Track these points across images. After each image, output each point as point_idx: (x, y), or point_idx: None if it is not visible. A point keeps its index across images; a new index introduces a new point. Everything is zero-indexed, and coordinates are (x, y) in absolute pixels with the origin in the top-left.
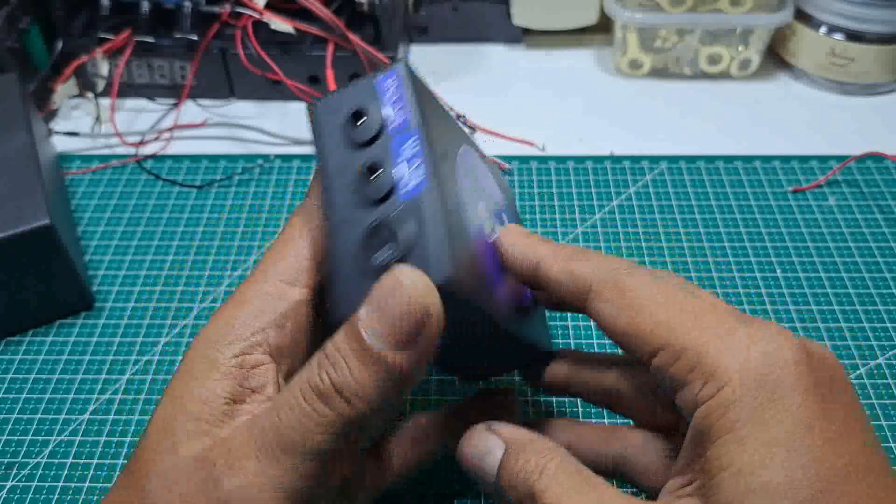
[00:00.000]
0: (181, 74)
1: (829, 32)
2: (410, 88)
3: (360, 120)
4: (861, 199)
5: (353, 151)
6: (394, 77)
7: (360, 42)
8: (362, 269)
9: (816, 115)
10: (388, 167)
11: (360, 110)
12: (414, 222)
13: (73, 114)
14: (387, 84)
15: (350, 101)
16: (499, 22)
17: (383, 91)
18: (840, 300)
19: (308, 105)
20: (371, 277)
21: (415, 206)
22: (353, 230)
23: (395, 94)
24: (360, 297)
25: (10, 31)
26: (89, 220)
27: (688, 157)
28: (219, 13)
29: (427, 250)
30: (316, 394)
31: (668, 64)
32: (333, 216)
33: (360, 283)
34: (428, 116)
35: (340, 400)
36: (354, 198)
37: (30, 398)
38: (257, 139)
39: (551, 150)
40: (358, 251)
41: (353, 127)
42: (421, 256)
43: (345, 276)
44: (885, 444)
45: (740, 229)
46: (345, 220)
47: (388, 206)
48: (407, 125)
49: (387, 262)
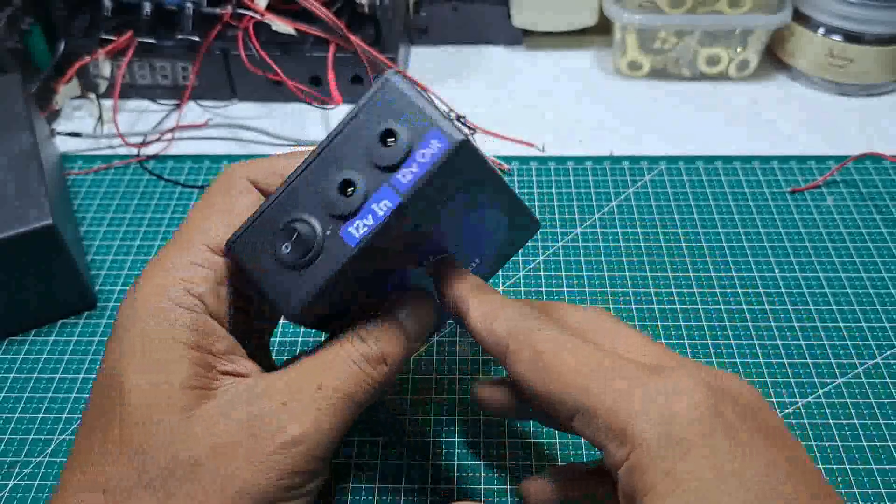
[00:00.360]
0: (183, 75)
1: (828, 33)
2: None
3: (390, 139)
4: (859, 199)
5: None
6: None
7: (360, 43)
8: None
9: (815, 116)
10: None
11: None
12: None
13: (76, 114)
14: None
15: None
16: (499, 23)
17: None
18: (838, 300)
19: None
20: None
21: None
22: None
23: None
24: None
25: (13, 32)
26: (91, 220)
27: (686, 157)
28: (220, 14)
29: (444, 123)
30: (367, 360)
31: (667, 65)
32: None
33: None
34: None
35: (384, 366)
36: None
37: (32, 397)
38: (259, 139)
39: (551, 150)
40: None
41: (385, 148)
42: (442, 129)
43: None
44: (883, 444)
45: (739, 229)
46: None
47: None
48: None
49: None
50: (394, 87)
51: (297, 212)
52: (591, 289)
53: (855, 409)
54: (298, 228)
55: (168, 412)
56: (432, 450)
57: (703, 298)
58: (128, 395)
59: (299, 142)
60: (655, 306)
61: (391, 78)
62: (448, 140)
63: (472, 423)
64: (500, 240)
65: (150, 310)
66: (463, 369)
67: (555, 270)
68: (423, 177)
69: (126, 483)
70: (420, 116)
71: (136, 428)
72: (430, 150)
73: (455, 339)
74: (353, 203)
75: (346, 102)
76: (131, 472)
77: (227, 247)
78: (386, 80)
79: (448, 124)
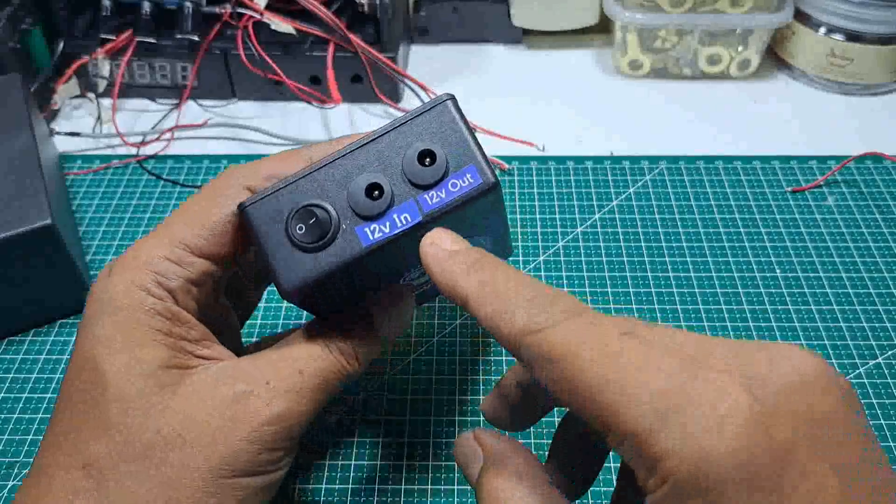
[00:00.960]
0: (182, 75)
1: (829, 33)
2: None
3: (426, 159)
4: (860, 199)
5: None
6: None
7: (360, 43)
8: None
9: (815, 116)
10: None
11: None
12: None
13: (75, 114)
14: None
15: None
16: (499, 22)
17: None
18: (839, 300)
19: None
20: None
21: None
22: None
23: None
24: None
25: (12, 32)
26: (91, 219)
27: (687, 157)
28: (220, 14)
29: (481, 160)
30: (343, 354)
31: (667, 64)
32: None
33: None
34: None
35: (355, 361)
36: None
37: (31, 397)
38: (258, 139)
39: (551, 150)
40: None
41: (421, 166)
42: (479, 167)
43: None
44: (885, 444)
45: (739, 229)
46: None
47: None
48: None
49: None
50: (448, 112)
51: (319, 198)
52: (591, 289)
53: None
54: (317, 214)
55: (148, 389)
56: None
57: (704, 298)
58: (105, 375)
59: (299, 141)
60: (656, 306)
61: (448, 103)
62: (482, 178)
63: (471, 423)
64: None
65: (124, 297)
66: (463, 368)
67: (555, 270)
68: (448, 204)
69: (108, 458)
70: (463, 148)
71: (116, 405)
72: (463, 183)
73: (455, 340)
74: (377, 207)
75: (346, 102)
76: (113, 448)
77: (240, 206)
78: (443, 103)
79: (485, 164)
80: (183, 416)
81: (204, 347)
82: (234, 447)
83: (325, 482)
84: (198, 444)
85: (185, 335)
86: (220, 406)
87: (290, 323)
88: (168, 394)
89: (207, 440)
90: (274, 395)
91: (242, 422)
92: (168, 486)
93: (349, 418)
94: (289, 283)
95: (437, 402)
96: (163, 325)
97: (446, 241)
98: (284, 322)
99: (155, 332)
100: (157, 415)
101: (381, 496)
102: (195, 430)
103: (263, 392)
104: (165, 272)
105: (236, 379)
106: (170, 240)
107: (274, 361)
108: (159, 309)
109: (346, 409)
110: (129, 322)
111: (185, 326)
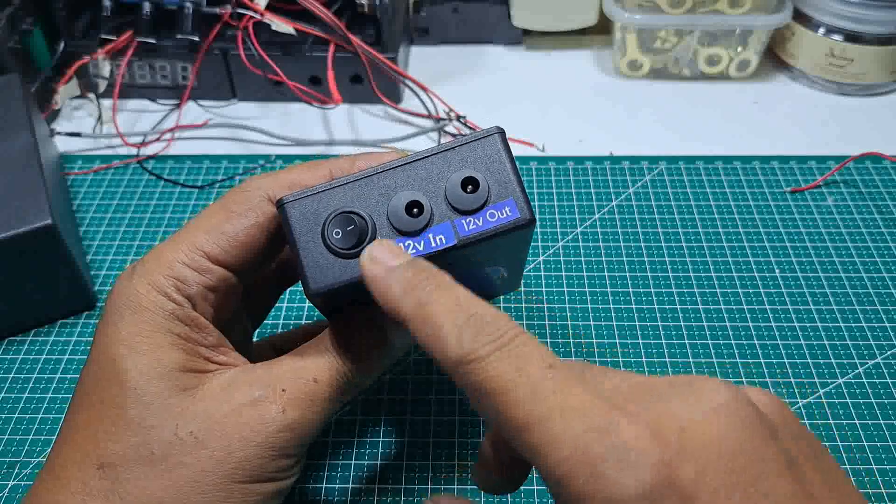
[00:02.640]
0: (183, 75)
1: (828, 33)
2: None
3: (469, 187)
4: (859, 199)
5: (451, 211)
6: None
7: (360, 43)
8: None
9: (815, 116)
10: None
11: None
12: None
13: (76, 114)
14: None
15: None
16: (499, 23)
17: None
18: (838, 300)
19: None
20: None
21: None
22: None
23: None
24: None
25: (13, 32)
26: (91, 220)
27: (687, 157)
28: (220, 14)
29: (521, 196)
30: (356, 363)
31: (667, 65)
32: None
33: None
34: None
35: (368, 369)
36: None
37: (31, 397)
38: (259, 140)
39: (551, 150)
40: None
41: (463, 192)
42: (519, 203)
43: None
44: (883, 444)
45: (739, 229)
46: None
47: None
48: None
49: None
50: (496, 143)
51: (359, 206)
52: (591, 289)
53: (855, 409)
54: (356, 221)
55: (167, 391)
56: (432, 450)
57: (704, 298)
58: (125, 375)
59: (299, 142)
60: (656, 306)
61: (496, 136)
62: (520, 213)
63: (471, 423)
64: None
65: (145, 300)
66: None
67: (555, 270)
68: (484, 232)
69: (124, 458)
70: (506, 181)
71: (135, 405)
72: (501, 214)
73: None
74: (415, 225)
75: (346, 102)
76: (129, 448)
77: (278, 202)
78: (493, 136)
79: (525, 200)
80: (200, 420)
81: (220, 354)
82: (248, 452)
83: (326, 482)
84: (213, 447)
85: (202, 341)
86: (236, 411)
87: (289, 323)
88: (187, 397)
89: (223, 444)
90: (289, 402)
91: (257, 428)
92: (182, 488)
93: (349, 418)
94: (317, 286)
95: (437, 402)
96: (181, 329)
97: (386, 255)
98: (285, 321)
99: (174, 336)
100: (174, 417)
101: (381, 496)
102: (211, 433)
103: (279, 399)
104: (185, 278)
105: (252, 385)
106: (190, 247)
107: (289, 369)
108: (179, 314)
109: (347, 408)
110: (150, 324)
111: (202, 332)
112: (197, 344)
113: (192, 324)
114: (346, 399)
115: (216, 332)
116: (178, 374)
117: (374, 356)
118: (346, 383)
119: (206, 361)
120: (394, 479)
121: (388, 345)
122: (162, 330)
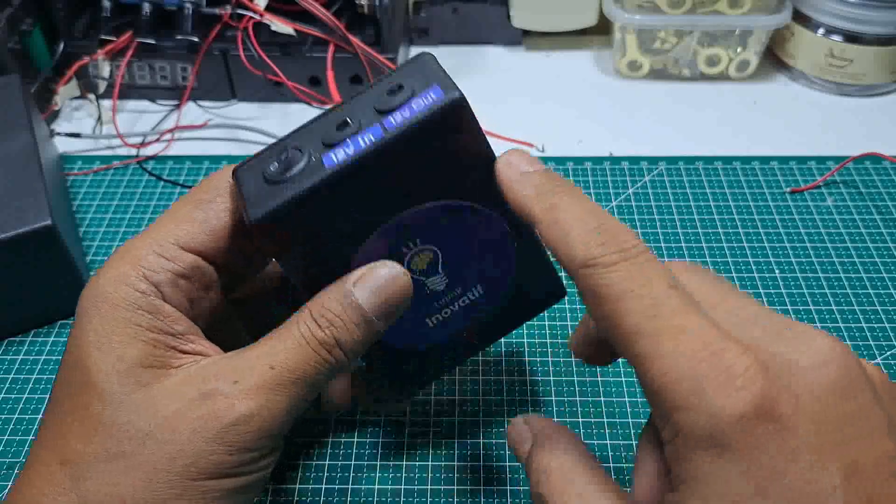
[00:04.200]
0: (182, 76)
1: (828, 34)
2: None
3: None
4: (859, 199)
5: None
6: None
7: (360, 44)
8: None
9: (814, 116)
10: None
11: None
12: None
13: (75, 115)
14: None
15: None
16: (499, 24)
17: None
18: (838, 300)
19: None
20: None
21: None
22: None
23: None
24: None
25: (13, 33)
26: (91, 220)
27: (686, 157)
28: (220, 15)
29: (447, 82)
30: (323, 344)
31: (666, 65)
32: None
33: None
34: None
35: (339, 351)
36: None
37: (31, 398)
38: (258, 140)
39: (550, 151)
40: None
41: (388, 97)
42: (443, 85)
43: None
44: None
45: (738, 230)
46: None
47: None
48: None
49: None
50: (424, 60)
51: (295, 142)
52: None
53: None
54: (289, 153)
55: (129, 387)
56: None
57: None
58: (88, 374)
59: None
60: None
61: (426, 54)
62: (444, 94)
63: (471, 423)
64: (506, 283)
65: (109, 294)
66: (462, 368)
67: None
68: (410, 120)
69: (86, 456)
70: (431, 77)
71: (97, 403)
72: (425, 101)
73: None
74: (343, 135)
75: None
76: (90, 446)
77: (233, 172)
78: (421, 55)
79: (451, 84)
80: (152, 416)
81: (187, 342)
82: (198, 448)
83: (325, 482)
84: (165, 443)
85: (166, 329)
86: (186, 407)
87: None
88: (146, 392)
89: (172, 441)
90: (241, 394)
91: (209, 423)
92: (138, 485)
93: (348, 417)
94: (255, 215)
95: (437, 402)
96: (144, 319)
97: (522, 162)
98: None
99: (136, 327)
100: (132, 413)
101: (380, 496)
102: (162, 430)
103: (229, 391)
104: (152, 266)
105: (206, 378)
106: (157, 236)
107: (246, 358)
108: (141, 304)
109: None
110: (114, 320)
111: (167, 320)
112: (161, 332)
113: (156, 312)
114: (318, 385)
115: (185, 320)
116: (140, 369)
117: (343, 334)
118: (311, 367)
119: (172, 351)
120: (394, 479)
121: (361, 319)
122: (126, 324)
